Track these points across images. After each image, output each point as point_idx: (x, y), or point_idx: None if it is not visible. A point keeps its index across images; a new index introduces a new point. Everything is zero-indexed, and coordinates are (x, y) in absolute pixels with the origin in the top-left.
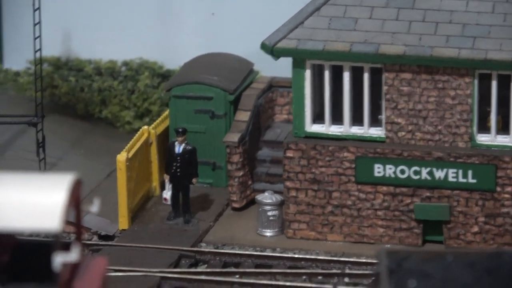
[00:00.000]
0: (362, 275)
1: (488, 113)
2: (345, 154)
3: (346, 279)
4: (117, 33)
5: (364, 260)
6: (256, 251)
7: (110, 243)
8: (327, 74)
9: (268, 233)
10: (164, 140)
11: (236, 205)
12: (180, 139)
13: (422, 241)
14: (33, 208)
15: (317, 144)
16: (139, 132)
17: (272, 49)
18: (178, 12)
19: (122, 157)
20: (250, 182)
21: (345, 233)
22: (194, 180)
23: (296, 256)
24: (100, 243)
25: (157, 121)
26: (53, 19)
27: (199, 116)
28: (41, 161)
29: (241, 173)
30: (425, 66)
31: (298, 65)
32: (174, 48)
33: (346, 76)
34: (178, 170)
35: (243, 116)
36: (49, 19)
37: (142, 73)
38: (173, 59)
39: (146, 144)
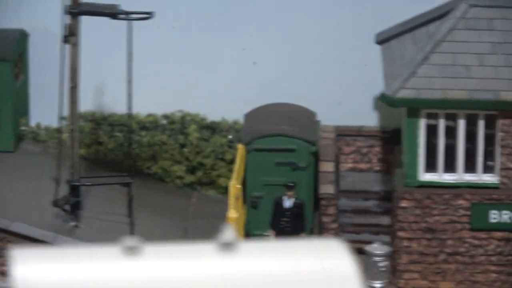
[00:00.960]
0: None
1: None
2: (460, 201)
3: None
4: (151, 85)
5: None
6: None
7: None
8: (441, 123)
9: (378, 284)
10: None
11: None
12: (290, 193)
13: None
14: (328, 278)
15: (431, 193)
16: (230, 189)
17: (392, 100)
18: (216, 61)
19: (233, 214)
20: (340, 234)
21: (458, 280)
22: (302, 235)
23: None
24: None
25: (234, 175)
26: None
27: (279, 169)
28: (131, 222)
29: (335, 225)
30: None
31: (413, 114)
32: (213, 99)
33: (462, 124)
34: (287, 225)
35: (328, 167)
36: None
37: (188, 126)
38: (213, 110)
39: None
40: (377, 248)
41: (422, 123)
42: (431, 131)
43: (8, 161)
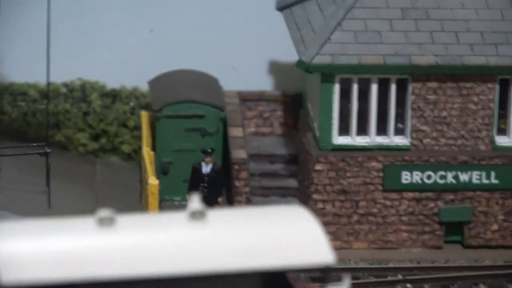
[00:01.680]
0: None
1: (503, 116)
2: (373, 164)
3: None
4: (45, 54)
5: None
6: None
7: None
8: (355, 87)
9: None
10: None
11: None
12: (208, 159)
13: (443, 243)
14: (299, 243)
15: (346, 156)
16: (145, 155)
17: (309, 66)
18: (113, 30)
19: (154, 181)
20: (251, 197)
21: (370, 240)
22: (220, 199)
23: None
24: None
25: (144, 142)
26: None
27: (189, 135)
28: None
29: (247, 189)
30: (451, 75)
31: (327, 79)
32: (111, 67)
33: (374, 88)
34: (206, 190)
35: (237, 132)
36: None
37: (90, 94)
38: (112, 78)
39: None
40: None
41: (336, 88)
42: (344, 96)
43: None
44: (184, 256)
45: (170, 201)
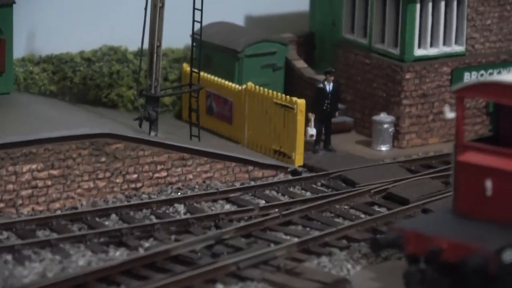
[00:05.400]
0: None
1: None
2: (445, 68)
3: None
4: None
5: None
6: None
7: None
8: (429, 6)
9: (384, 148)
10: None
11: None
12: (331, 78)
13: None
14: None
15: (426, 64)
16: (251, 88)
17: None
18: None
19: (302, 101)
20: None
21: (440, 135)
22: (336, 113)
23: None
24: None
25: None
26: None
27: (263, 71)
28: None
29: None
30: None
31: (412, 1)
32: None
33: (442, 6)
34: (328, 106)
35: (302, 63)
36: None
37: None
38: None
39: None
40: (385, 117)
41: (418, 8)
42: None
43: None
44: None
45: None
